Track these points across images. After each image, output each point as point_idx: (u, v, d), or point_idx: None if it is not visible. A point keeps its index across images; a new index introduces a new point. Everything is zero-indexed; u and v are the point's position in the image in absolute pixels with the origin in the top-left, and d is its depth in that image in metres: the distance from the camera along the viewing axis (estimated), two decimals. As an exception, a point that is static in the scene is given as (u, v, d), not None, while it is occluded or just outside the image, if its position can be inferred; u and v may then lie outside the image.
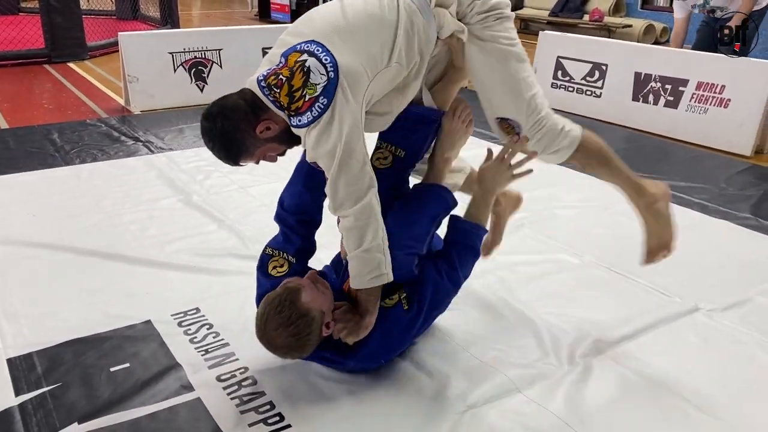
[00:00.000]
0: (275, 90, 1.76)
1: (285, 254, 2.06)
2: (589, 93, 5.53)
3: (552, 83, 5.75)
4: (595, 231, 3.20)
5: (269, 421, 1.89)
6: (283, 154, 1.92)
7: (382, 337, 1.96)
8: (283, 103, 1.75)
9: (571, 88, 5.66)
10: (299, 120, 1.75)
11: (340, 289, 2.02)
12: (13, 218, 3.25)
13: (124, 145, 4.45)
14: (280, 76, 1.75)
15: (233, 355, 2.18)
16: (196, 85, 5.63)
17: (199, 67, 5.64)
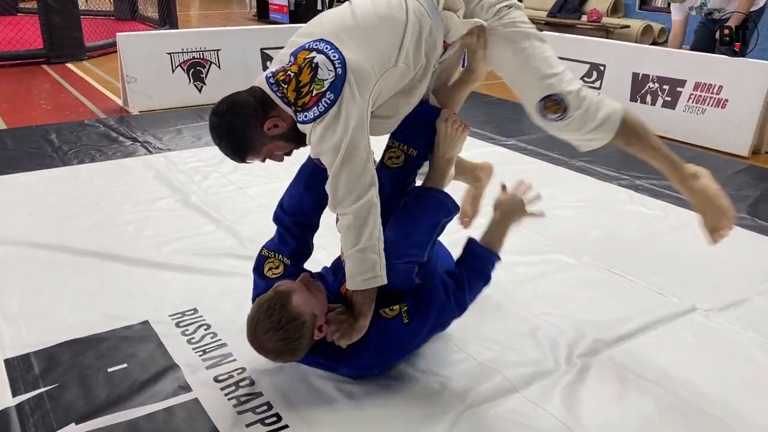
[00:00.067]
0: (283, 86, 1.76)
1: (280, 256, 2.06)
2: (588, 93, 5.53)
3: (550, 84, 5.75)
4: (593, 231, 3.20)
5: (266, 422, 1.89)
6: (290, 153, 1.92)
7: (378, 347, 1.95)
8: (290, 98, 1.75)
9: (569, 89, 5.66)
10: (305, 115, 1.74)
11: (337, 292, 2.02)
12: (11, 218, 3.25)
13: (122, 146, 4.45)
14: (289, 72, 1.76)
15: (231, 356, 2.18)
16: (195, 85, 5.63)
17: (198, 68, 5.64)
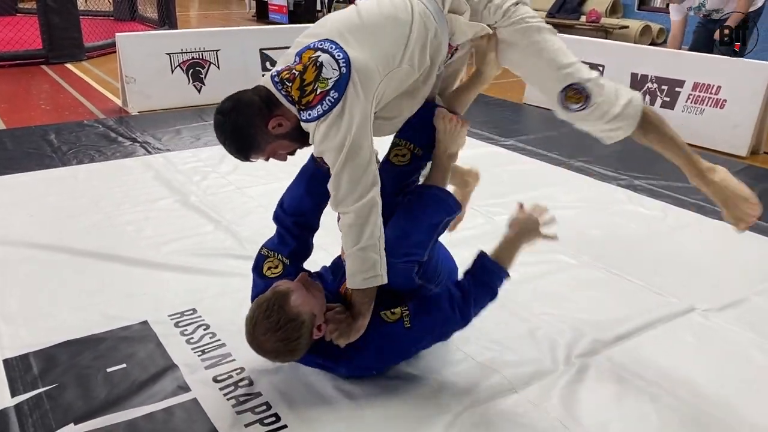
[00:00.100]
0: (288, 84, 1.77)
1: (279, 255, 2.06)
2: (586, 94, 5.53)
3: (549, 84, 5.75)
4: (592, 231, 3.20)
5: (265, 422, 1.89)
6: (293, 153, 1.92)
7: (378, 350, 1.95)
8: (294, 96, 1.76)
9: (568, 89, 5.66)
10: (309, 114, 1.75)
11: (337, 291, 2.02)
12: (10, 219, 3.25)
13: (121, 146, 4.45)
14: (293, 71, 1.76)
15: (230, 356, 2.18)
16: (194, 86, 5.63)
17: (197, 68, 5.64)
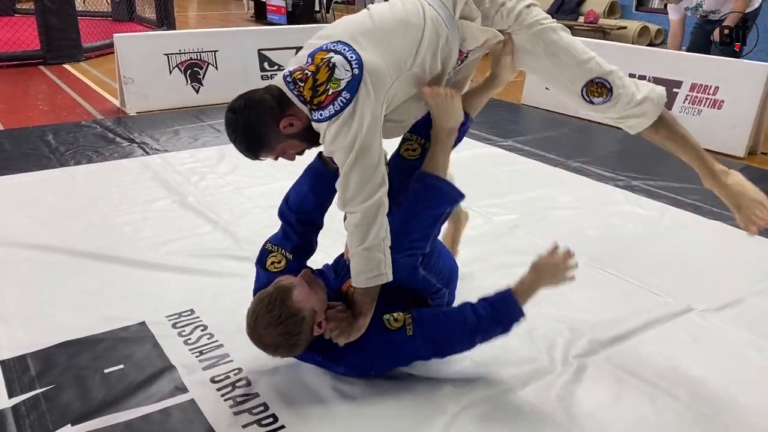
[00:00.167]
0: (300, 84, 1.77)
1: (283, 250, 2.07)
2: (584, 94, 5.54)
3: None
4: (590, 232, 3.21)
5: (263, 422, 1.89)
6: (302, 153, 1.94)
7: (377, 354, 1.96)
8: (306, 96, 1.77)
9: (566, 90, 5.66)
10: (321, 114, 1.75)
11: (338, 289, 2.03)
12: (9, 219, 3.24)
13: (119, 147, 4.45)
14: (306, 71, 1.77)
15: (227, 357, 2.18)
16: (192, 86, 5.63)
17: (195, 69, 5.64)
